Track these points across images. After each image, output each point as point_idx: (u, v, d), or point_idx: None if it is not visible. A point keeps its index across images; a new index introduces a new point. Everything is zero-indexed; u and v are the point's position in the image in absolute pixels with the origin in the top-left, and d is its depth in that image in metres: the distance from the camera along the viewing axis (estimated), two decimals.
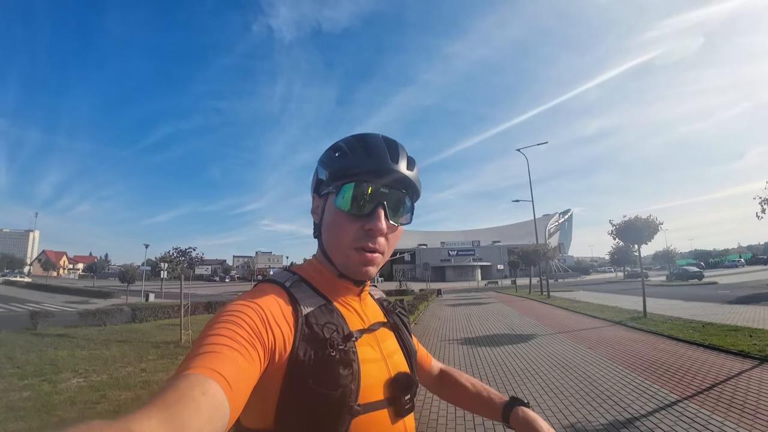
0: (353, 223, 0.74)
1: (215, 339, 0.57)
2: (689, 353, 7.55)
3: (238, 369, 0.55)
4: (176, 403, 0.45)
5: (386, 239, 0.77)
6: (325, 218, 0.78)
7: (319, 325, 0.69)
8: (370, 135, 0.81)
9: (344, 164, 0.76)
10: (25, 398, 5.49)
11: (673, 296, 20.56)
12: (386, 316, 0.88)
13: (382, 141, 0.79)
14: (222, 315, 0.63)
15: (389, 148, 0.78)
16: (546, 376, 6.31)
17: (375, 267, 0.77)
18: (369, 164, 0.75)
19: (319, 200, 0.81)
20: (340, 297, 0.79)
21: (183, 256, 13.69)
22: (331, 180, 0.77)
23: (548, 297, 23.88)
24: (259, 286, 0.76)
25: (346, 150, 0.78)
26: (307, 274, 0.80)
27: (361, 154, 0.76)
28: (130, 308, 15.98)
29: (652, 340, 9.13)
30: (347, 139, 0.81)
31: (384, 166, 0.75)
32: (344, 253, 0.75)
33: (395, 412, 0.73)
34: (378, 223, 0.73)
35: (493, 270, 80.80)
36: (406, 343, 0.86)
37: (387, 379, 0.74)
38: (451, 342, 10.00)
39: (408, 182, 0.78)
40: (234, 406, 0.52)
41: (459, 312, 18.03)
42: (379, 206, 0.75)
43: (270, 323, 0.64)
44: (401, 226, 0.80)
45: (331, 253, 0.78)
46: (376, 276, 4.08)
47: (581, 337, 9.96)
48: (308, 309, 0.71)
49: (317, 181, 0.82)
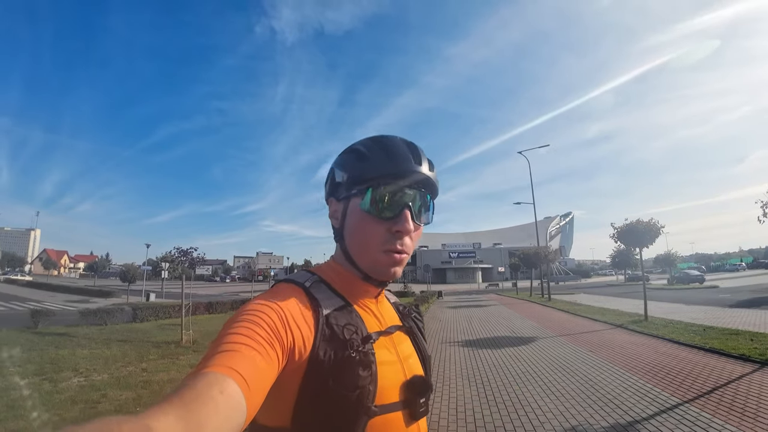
0: (380, 225, 0.75)
1: (234, 338, 0.57)
2: (690, 357, 7.55)
3: (257, 368, 0.55)
4: (194, 401, 0.46)
5: (411, 239, 0.78)
6: (349, 222, 0.78)
7: (339, 326, 0.69)
8: (388, 137, 0.82)
9: (368, 168, 0.76)
10: (26, 397, 5.49)
11: (675, 300, 20.55)
12: (402, 320, 0.88)
13: (403, 143, 0.80)
14: (241, 314, 0.64)
15: (411, 150, 0.79)
16: (547, 379, 6.32)
17: (401, 267, 0.78)
18: (394, 167, 0.76)
19: (337, 204, 0.81)
20: (358, 299, 0.80)
21: (184, 256, 13.69)
22: (353, 184, 0.77)
23: (549, 300, 23.88)
24: (278, 285, 0.76)
25: (367, 153, 0.78)
26: (325, 275, 0.80)
27: (384, 157, 0.77)
28: (131, 308, 15.96)
29: (653, 343, 9.13)
30: (365, 142, 0.82)
31: (409, 169, 0.76)
32: (372, 256, 0.76)
33: (410, 414, 0.73)
34: (406, 224, 0.75)
35: (494, 272, 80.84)
36: (421, 347, 0.86)
37: (403, 381, 0.74)
38: (452, 344, 10.00)
39: (430, 183, 0.80)
40: (251, 406, 0.52)
41: (460, 314, 18.05)
42: (405, 208, 0.76)
43: (289, 323, 0.65)
44: (422, 226, 0.82)
45: (357, 257, 0.78)
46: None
47: (582, 340, 9.97)
48: (328, 310, 0.72)
49: (334, 185, 0.82)
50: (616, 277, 63.87)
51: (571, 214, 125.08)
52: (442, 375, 6.88)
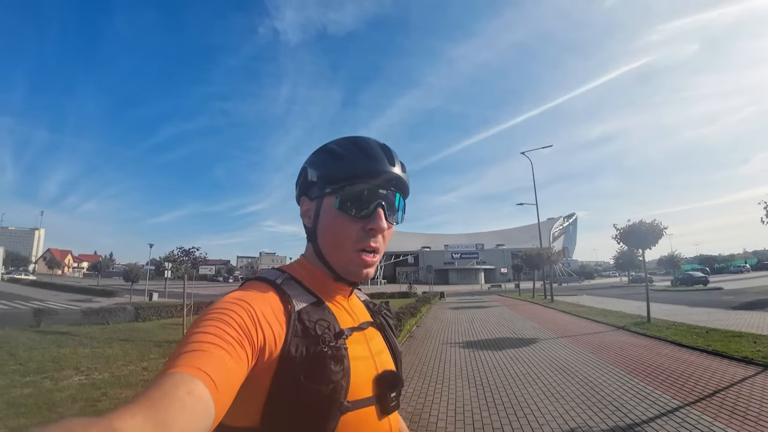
0: (355, 224, 0.76)
1: (203, 337, 0.57)
2: (692, 359, 7.50)
3: (225, 368, 0.54)
4: (161, 401, 0.45)
5: (383, 237, 0.79)
6: (323, 221, 0.78)
7: (311, 322, 0.69)
8: (362, 138, 0.83)
9: (342, 167, 0.77)
10: (27, 395, 5.49)
11: (678, 301, 20.44)
12: (372, 317, 0.89)
13: (376, 144, 0.81)
14: (210, 312, 0.63)
15: (384, 151, 0.80)
16: (547, 381, 6.29)
17: (373, 269, 0.79)
18: (368, 167, 0.77)
19: (310, 203, 0.81)
20: (330, 296, 0.80)
21: (187, 256, 13.78)
22: (327, 183, 0.78)
23: (552, 301, 23.79)
24: (248, 283, 0.76)
25: (343, 153, 0.79)
26: (296, 273, 0.80)
27: (359, 157, 0.78)
28: (133, 307, 16.01)
29: (655, 345, 9.07)
30: (339, 141, 0.82)
31: (383, 169, 0.78)
32: (346, 255, 0.77)
33: (381, 409, 0.73)
34: (380, 222, 0.76)
35: (497, 273, 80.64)
36: (392, 343, 0.87)
37: (375, 376, 0.75)
38: (452, 345, 9.99)
39: (402, 183, 0.81)
40: (219, 407, 0.52)
41: (461, 315, 18.02)
42: (379, 206, 0.77)
43: (260, 321, 0.64)
44: (393, 225, 0.83)
45: (330, 256, 0.78)
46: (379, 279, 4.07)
47: (584, 341, 9.92)
48: (300, 305, 0.71)
49: (306, 184, 0.82)
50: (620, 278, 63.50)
51: (574, 215, 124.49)
52: (442, 376, 6.86)
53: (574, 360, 7.74)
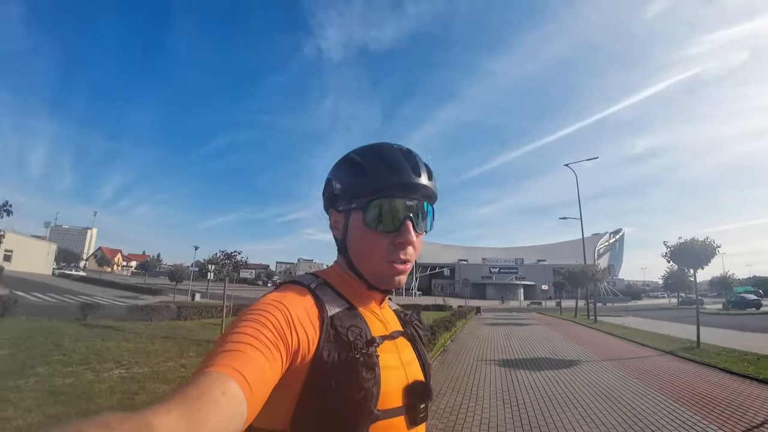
0: (384, 238, 0.76)
1: (239, 337, 0.58)
2: (742, 387, 7.19)
3: (260, 370, 0.56)
4: (196, 400, 0.46)
5: (413, 248, 0.79)
6: (352, 235, 0.79)
7: (344, 328, 0.70)
8: (385, 145, 0.82)
9: (367, 181, 0.77)
10: (68, 384, 5.68)
11: (729, 326, 19.41)
12: (403, 327, 0.89)
13: (400, 153, 0.80)
14: (248, 313, 0.65)
15: (408, 160, 0.79)
16: (587, 405, 6.19)
17: (405, 276, 0.79)
18: (393, 180, 0.76)
19: (338, 215, 0.82)
20: (362, 303, 0.81)
21: (228, 260, 14.29)
22: (353, 197, 0.78)
23: (595, 321, 22.94)
24: (284, 286, 0.77)
25: (365, 165, 0.78)
26: (330, 279, 0.81)
27: (383, 169, 0.77)
28: (176, 306, 16.71)
29: (704, 372, 8.72)
30: (361, 152, 0.82)
31: (410, 181, 0.77)
32: (376, 267, 0.77)
33: (410, 419, 0.73)
34: (408, 235, 0.76)
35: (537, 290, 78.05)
36: (422, 354, 0.87)
37: (405, 386, 0.75)
38: (488, 362, 9.90)
39: (430, 192, 0.81)
40: (252, 408, 0.53)
41: (498, 332, 17.74)
42: (407, 219, 0.77)
43: (295, 324, 0.65)
44: (423, 234, 0.83)
45: (362, 268, 0.79)
46: (414, 290, 4.34)
47: (628, 365, 9.62)
48: (333, 311, 0.72)
49: (333, 196, 0.83)
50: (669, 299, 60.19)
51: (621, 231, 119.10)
52: (475, 394, 6.81)
53: (617, 384, 7.56)
